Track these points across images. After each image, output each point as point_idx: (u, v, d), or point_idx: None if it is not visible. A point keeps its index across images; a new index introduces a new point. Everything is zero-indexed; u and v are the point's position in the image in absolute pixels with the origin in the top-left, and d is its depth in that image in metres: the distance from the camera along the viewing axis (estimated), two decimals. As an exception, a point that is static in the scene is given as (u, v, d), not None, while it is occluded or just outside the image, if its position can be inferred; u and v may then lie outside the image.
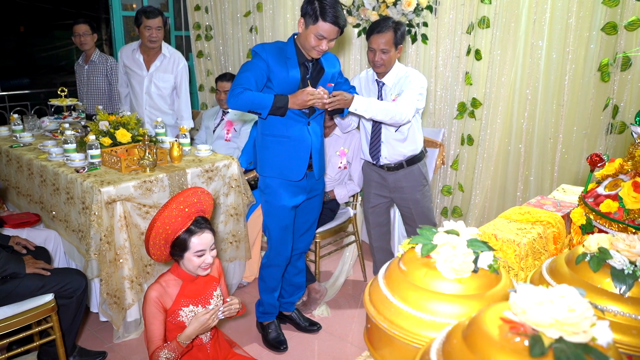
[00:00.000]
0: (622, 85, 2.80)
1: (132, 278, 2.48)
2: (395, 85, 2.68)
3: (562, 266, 1.02)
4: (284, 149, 2.33)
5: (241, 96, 2.13)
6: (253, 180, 3.29)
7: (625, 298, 0.90)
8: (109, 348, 2.57)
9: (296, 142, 2.32)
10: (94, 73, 4.01)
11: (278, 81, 2.21)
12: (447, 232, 0.97)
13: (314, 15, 2.08)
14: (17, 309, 2.11)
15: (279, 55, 2.20)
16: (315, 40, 2.13)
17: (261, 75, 2.19)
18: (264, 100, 2.16)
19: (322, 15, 2.07)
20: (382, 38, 2.54)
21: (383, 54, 2.57)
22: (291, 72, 2.21)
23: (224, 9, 4.75)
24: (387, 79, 2.69)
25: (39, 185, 2.81)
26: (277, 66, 2.19)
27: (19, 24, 9.66)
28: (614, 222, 1.28)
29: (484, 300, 0.87)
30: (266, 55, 2.18)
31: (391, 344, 0.91)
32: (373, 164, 2.89)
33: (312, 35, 2.12)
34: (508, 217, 1.59)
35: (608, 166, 1.44)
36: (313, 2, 2.08)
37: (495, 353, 0.62)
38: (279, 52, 2.21)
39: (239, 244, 2.97)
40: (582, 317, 0.61)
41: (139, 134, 2.85)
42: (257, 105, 2.16)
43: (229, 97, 2.16)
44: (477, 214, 3.50)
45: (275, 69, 2.19)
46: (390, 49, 2.57)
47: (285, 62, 2.20)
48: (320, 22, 2.08)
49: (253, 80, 2.16)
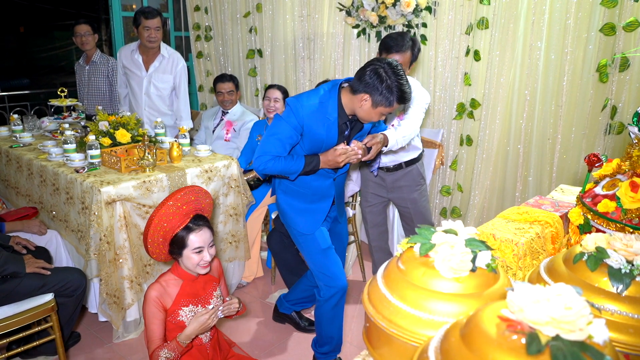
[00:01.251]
0: (620, 86, 2.81)
1: (131, 278, 2.48)
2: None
3: (560, 265, 1.02)
4: (305, 200, 2.22)
5: (269, 164, 2.00)
6: (252, 181, 3.30)
7: (622, 297, 0.91)
8: (108, 348, 2.57)
9: (320, 196, 2.22)
10: (95, 74, 4.01)
11: (311, 139, 2.05)
12: (445, 232, 0.97)
13: (390, 99, 1.92)
14: (16, 308, 2.11)
15: (318, 113, 2.00)
16: (379, 117, 2.01)
17: (293, 140, 2.04)
18: (294, 166, 2.03)
19: (401, 100, 1.94)
20: (401, 58, 2.49)
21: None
22: (329, 135, 2.04)
23: (223, 9, 4.75)
24: None
25: (38, 186, 2.82)
26: (314, 127, 2.01)
27: (19, 24, 9.67)
28: (611, 221, 1.29)
29: (482, 299, 0.87)
30: (302, 119, 1.99)
31: (390, 343, 0.92)
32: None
33: (379, 113, 1.98)
34: (506, 217, 1.60)
35: (606, 166, 1.44)
36: (391, 89, 1.90)
37: (492, 351, 0.63)
38: (318, 109, 2.00)
39: (238, 244, 2.97)
40: (579, 315, 0.61)
41: (139, 134, 2.86)
42: (286, 171, 2.05)
43: (256, 161, 2.02)
44: (476, 214, 3.51)
45: (312, 130, 2.02)
46: (406, 69, 2.55)
47: (324, 121, 2.01)
48: (395, 105, 1.95)
49: (282, 147, 2.01)
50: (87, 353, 2.55)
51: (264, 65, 4.59)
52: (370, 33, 3.75)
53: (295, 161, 2.04)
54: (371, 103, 1.94)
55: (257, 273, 3.28)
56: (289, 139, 2.02)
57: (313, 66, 4.23)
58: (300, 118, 1.99)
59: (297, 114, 1.98)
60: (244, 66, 4.79)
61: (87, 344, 2.60)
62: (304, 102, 2.00)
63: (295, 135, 2.02)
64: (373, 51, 3.78)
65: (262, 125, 3.47)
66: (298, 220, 2.24)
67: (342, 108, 2.03)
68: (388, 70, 1.90)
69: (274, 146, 2.01)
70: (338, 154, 2.05)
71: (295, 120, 1.99)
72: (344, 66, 4.02)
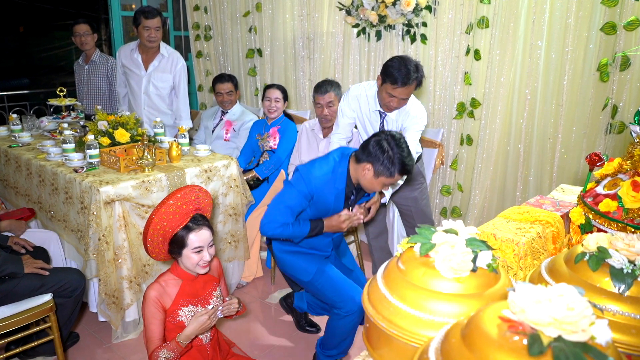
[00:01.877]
0: (621, 85, 2.80)
1: (130, 278, 2.48)
2: (398, 116, 2.67)
3: (561, 265, 1.01)
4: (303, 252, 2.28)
5: (277, 231, 2.11)
6: (252, 180, 3.29)
7: (624, 297, 0.90)
8: (107, 348, 2.57)
9: (319, 251, 2.30)
10: (94, 73, 4.00)
11: (318, 207, 2.15)
12: (445, 232, 0.96)
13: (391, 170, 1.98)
14: (15, 308, 2.10)
15: (328, 183, 2.10)
16: (381, 186, 2.08)
17: (302, 208, 2.13)
18: (300, 231, 2.12)
19: (402, 172, 2.00)
20: (406, 90, 2.48)
21: (403, 101, 2.54)
22: (336, 203, 2.14)
23: (223, 9, 4.74)
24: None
25: (37, 185, 2.81)
26: (323, 196, 2.11)
27: (19, 24, 9.67)
28: (613, 221, 1.28)
29: (482, 299, 0.87)
30: (313, 189, 2.08)
31: (390, 344, 0.91)
32: None
33: (381, 183, 2.05)
34: (507, 217, 1.59)
35: (607, 165, 1.43)
36: (393, 160, 1.96)
37: (493, 352, 0.62)
38: (329, 180, 2.09)
39: (237, 244, 2.97)
40: (581, 316, 0.61)
41: (138, 134, 2.85)
42: (292, 236, 2.15)
43: (265, 226, 2.12)
44: (476, 214, 3.50)
45: (321, 199, 2.12)
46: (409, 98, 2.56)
47: (332, 191, 2.11)
48: (397, 176, 2.01)
49: (291, 215, 2.10)
50: (86, 353, 2.54)
51: (264, 65, 4.58)
52: (370, 32, 3.74)
53: (301, 226, 2.13)
54: (373, 173, 2.01)
55: (256, 273, 3.28)
56: (299, 207, 2.11)
57: (313, 65, 4.22)
58: (311, 188, 2.08)
59: (308, 183, 2.07)
60: (244, 66, 4.78)
61: (86, 344, 2.60)
62: (316, 172, 2.08)
63: (304, 203, 2.11)
64: (373, 50, 3.77)
65: (262, 124, 3.46)
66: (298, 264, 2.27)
67: (350, 177, 2.12)
68: (391, 142, 1.97)
69: (283, 214, 2.09)
70: (342, 220, 2.15)
71: (305, 189, 2.08)
72: (344, 65, 4.01)
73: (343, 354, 2.36)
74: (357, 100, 2.74)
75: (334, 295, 2.21)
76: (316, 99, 3.03)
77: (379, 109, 2.67)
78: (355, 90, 2.76)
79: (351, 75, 3.98)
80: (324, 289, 2.23)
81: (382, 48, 3.72)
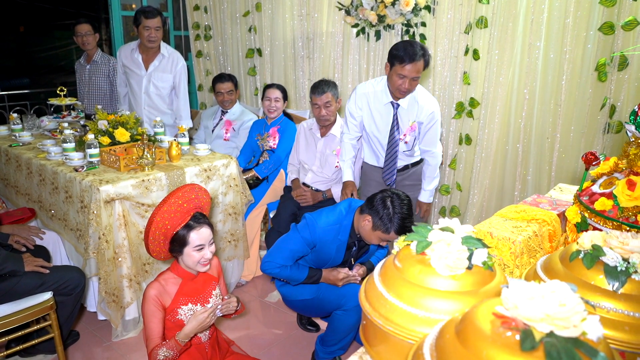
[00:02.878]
0: (619, 85, 2.80)
1: (130, 277, 2.49)
2: (411, 107, 2.70)
3: (556, 263, 1.02)
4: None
5: (275, 271, 2.18)
6: (252, 180, 3.30)
7: (618, 295, 0.91)
8: (107, 347, 2.58)
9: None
10: (95, 73, 4.01)
11: (318, 256, 2.22)
12: (442, 230, 0.97)
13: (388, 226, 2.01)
14: (15, 307, 2.11)
15: (332, 234, 2.16)
16: (378, 240, 2.10)
17: (303, 253, 2.21)
18: (297, 275, 2.21)
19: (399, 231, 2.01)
20: (416, 66, 2.48)
21: (414, 81, 2.54)
22: (337, 255, 2.21)
23: (222, 8, 4.75)
24: (403, 100, 2.68)
25: (37, 184, 2.82)
26: (325, 246, 2.18)
27: (19, 23, 9.67)
28: (608, 220, 1.29)
29: (478, 296, 0.88)
30: (317, 239, 2.15)
31: (386, 341, 0.92)
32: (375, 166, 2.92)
33: (378, 237, 2.08)
34: (504, 215, 1.60)
35: (603, 164, 1.44)
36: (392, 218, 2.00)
37: (487, 348, 0.63)
38: (333, 231, 2.16)
39: (237, 243, 2.98)
40: (573, 312, 0.61)
41: (138, 133, 2.86)
42: (289, 278, 2.22)
43: (266, 264, 2.19)
44: (475, 213, 3.51)
45: (323, 249, 2.18)
46: (419, 76, 2.56)
47: (335, 242, 2.17)
48: (392, 234, 2.02)
49: (291, 259, 2.18)
50: (85, 352, 2.55)
51: (264, 65, 4.59)
52: (369, 32, 3.75)
53: (299, 271, 2.21)
54: (371, 225, 2.05)
55: (256, 272, 3.29)
56: (300, 252, 2.19)
57: (312, 65, 4.23)
58: (315, 237, 2.15)
59: (313, 233, 2.14)
60: (244, 65, 4.79)
61: (86, 343, 2.61)
62: (322, 223, 2.15)
63: (306, 250, 2.19)
64: (372, 50, 3.78)
65: (261, 124, 3.47)
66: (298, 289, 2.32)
67: (354, 229, 2.18)
68: (395, 201, 2.02)
69: (283, 257, 2.17)
70: (340, 277, 2.24)
71: (310, 238, 2.15)
72: (343, 65, 4.02)
73: (343, 350, 2.37)
74: (365, 98, 2.75)
75: (338, 297, 2.26)
76: (313, 99, 3.03)
77: (390, 101, 2.68)
78: (362, 89, 2.77)
79: (350, 75, 3.99)
80: (329, 297, 2.28)
81: (382, 48, 3.73)
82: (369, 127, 2.81)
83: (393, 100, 2.67)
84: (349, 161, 2.87)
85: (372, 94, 2.72)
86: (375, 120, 2.76)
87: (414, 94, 2.67)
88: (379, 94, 2.71)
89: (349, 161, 2.87)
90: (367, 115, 2.78)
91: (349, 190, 2.77)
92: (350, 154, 2.87)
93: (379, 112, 2.74)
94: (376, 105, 2.73)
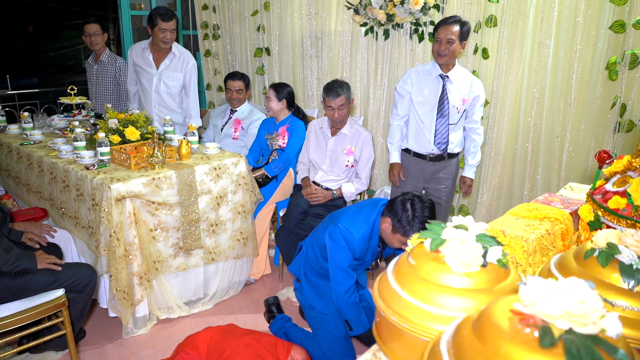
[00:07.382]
0: (629, 84, 2.79)
1: (141, 274, 2.50)
2: (463, 84, 2.83)
3: (571, 261, 1.02)
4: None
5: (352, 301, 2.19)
6: (261, 178, 3.31)
7: (633, 293, 0.90)
8: (118, 343, 2.59)
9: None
10: (102, 73, 4.03)
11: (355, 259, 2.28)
12: (455, 227, 0.97)
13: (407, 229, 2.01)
14: (28, 303, 2.13)
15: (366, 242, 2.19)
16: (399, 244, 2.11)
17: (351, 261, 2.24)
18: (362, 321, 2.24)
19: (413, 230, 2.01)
20: (448, 29, 2.67)
21: (448, 43, 2.68)
22: (367, 257, 2.26)
23: (231, 8, 4.77)
24: (452, 74, 2.82)
25: (49, 182, 2.84)
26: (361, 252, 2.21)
27: (28, 23, 9.75)
28: (622, 218, 1.28)
29: (492, 294, 0.88)
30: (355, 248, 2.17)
31: (400, 338, 0.92)
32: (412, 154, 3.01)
33: (398, 240, 2.08)
34: (516, 214, 1.60)
35: (616, 163, 1.43)
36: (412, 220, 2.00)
37: (505, 344, 0.63)
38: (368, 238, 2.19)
39: (246, 242, 2.99)
40: (592, 309, 0.61)
41: (148, 132, 2.88)
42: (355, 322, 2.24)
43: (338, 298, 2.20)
44: (484, 212, 3.50)
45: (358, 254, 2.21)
46: (456, 40, 2.68)
47: (367, 247, 2.21)
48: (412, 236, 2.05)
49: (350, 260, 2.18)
50: (96, 348, 2.57)
51: (272, 64, 4.60)
52: (378, 31, 3.74)
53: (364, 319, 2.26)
54: (392, 228, 2.06)
55: (265, 270, 3.30)
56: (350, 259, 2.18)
57: (321, 64, 4.23)
58: (354, 249, 2.16)
59: (351, 246, 2.15)
60: (252, 64, 4.80)
61: (96, 340, 2.63)
62: (356, 234, 2.14)
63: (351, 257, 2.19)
64: (381, 49, 3.78)
65: (270, 123, 3.48)
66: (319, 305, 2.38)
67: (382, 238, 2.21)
68: (416, 204, 2.00)
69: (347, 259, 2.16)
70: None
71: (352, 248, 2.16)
72: (352, 64, 4.02)
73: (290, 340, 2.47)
74: (415, 74, 2.93)
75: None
76: (327, 101, 3.02)
77: (440, 73, 2.82)
78: (410, 71, 2.97)
79: (359, 74, 3.99)
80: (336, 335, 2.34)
81: (390, 47, 3.72)
82: (417, 99, 2.92)
83: (442, 72, 2.81)
84: (396, 144, 3.05)
85: (422, 71, 2.92)
86: (424, 92, 2.88)
87: (465, 73, 2.85)
88: (426, 71, 2.89)
89: (397, 144, 3.05)
90: (415, 90, 2.91)
91: (396, 171, 3.00)
92: (398, 137, 3.04)
93: (427, 85, 2.87)
94: (425, 78, 2.89)
